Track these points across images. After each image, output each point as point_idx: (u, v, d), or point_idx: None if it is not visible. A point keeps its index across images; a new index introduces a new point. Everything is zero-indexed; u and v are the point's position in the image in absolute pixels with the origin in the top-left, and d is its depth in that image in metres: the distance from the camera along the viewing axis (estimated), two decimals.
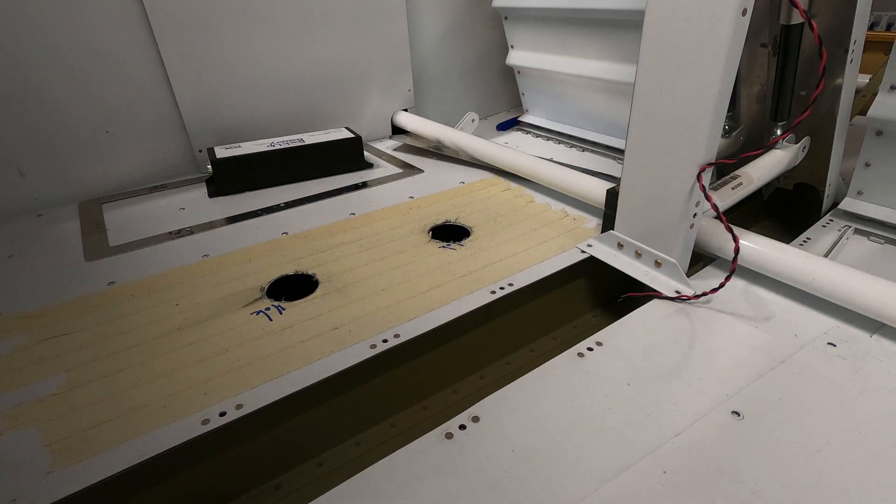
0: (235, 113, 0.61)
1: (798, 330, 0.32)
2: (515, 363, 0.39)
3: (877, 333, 0.31)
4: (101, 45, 0.51)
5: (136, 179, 0.58)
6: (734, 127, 0.48)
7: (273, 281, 0.39)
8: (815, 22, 0.40)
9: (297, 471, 0.31)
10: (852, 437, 0.25)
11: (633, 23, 0.55)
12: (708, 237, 0.38)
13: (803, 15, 0.30)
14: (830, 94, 0.43)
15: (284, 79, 0.63)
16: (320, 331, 0.33)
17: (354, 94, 0.70)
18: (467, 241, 0.43)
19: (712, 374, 0.29)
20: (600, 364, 0.30)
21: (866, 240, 0.43)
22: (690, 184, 0.33)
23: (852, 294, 0.31)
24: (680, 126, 0.32)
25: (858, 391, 0.27)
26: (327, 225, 0.48)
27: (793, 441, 0.25)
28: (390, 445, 0.31)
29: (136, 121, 0.56)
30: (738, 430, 0.25)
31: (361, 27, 0.66)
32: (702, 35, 0.29)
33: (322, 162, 0.60)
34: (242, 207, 0.52)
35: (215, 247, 0.44)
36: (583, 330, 0.42)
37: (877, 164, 0.41)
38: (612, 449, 0.25)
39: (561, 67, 0.66)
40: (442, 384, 0.36)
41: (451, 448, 0.25)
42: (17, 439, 0.26)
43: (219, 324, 0.34)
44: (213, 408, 0.27)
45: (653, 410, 0.27)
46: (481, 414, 0.27)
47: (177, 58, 0.55)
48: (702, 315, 0.34)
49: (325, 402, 0.30)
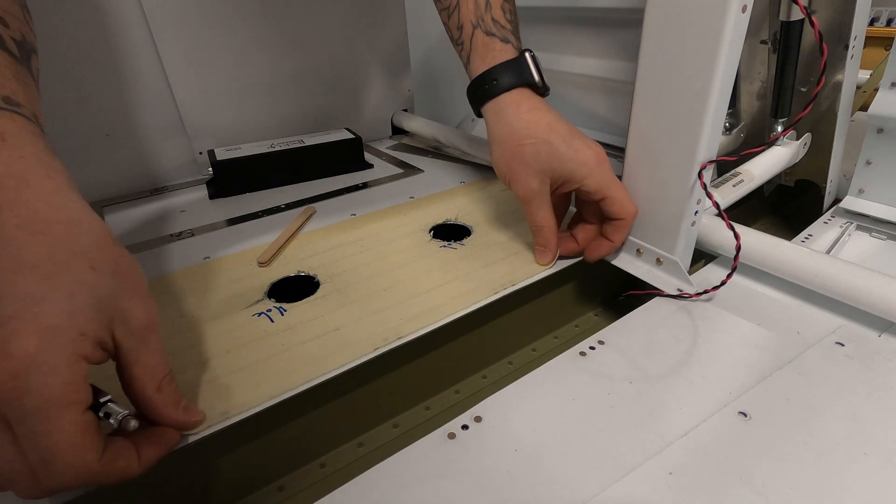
0: (235, 114, 0.61)
1: (804, 328, 0.32)
2: (517, 362, 0.39)
3: (886, 332, 0.31)
4: (101, 48, 0.52)
5: (137, 182, 0.58)
6: (735, 124, 0.48)
7: (274, 282, 0.39)
8: (816, 18, 0.40)
9: (300, 472, 0.31)
10: (862, 438, 0.25)
11: (633, 21, 0.55)
12: (709, 234, 0.38)
13: (803, 11, 0.30)
14: (831, 91, 0.42)
15: (284, 80, 0.63)
16: (322, 331, 0.33)
17: (354, 95, 0.70)
18: (468, 240, 0.43)
19: (717, 373, 0.29)
20: (602, 363, 0.30)
21: (868, 236, 0.43)
22: (691, 181, 0.33)
23: (860, 292, 0.31)
24: (680, 124, 0.32)
25: (868, 391, 0.27)
26: (328, 226, 0.48)
27: (801, 442, 0.25)
28: (393, 446, 0.31)
29: (137, 124, 0.56)
30: (745, 431, 0.25)
31: (361, 27, 0.66)
32: (702, 32, 0.29)
33: (322, 163, 0.60)
34: (243, 209, 0.52)
35: (217, 248, 0.44)
36: (584, 329, 0.42)
37: (878, 161, 0.41)
38: (616, 449, 0.25)
39: (561, 66, 0.66)
40: (444, 384, 0.36)
41: (453, 448, 0.25)
42: None
43: (220, 325, 0.34)
44: (214, 409, 0.27)
45: (656, 410, 0.27)
46: (484, 414, 0.27)
47: (176, 60, 0.55)
48: (704, 313, 0.34)
49: (328, 402, 0.30)
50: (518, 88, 0.35)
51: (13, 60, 0.26)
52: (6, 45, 0.26)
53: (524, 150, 0.33)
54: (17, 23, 0.28)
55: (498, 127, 0.35)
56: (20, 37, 0.28)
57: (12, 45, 0.27)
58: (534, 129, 0.33)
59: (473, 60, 0.36)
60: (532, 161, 0.33)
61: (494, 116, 0.35)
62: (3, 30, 0.27)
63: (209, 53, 0.57)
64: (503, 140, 0.34)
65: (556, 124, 0.34)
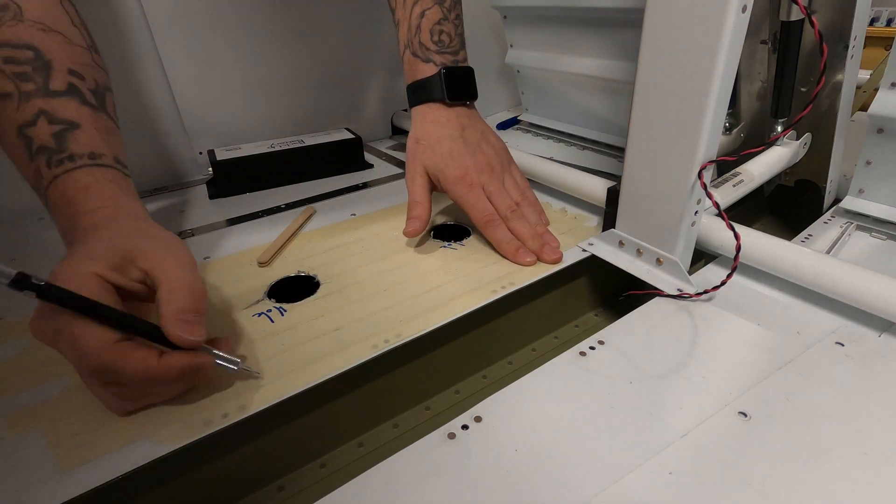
0: (236, 114, 0.61)
1: (804, 328, 0.32)
2: (517, 363, 0.39)
3: (886, 332, 0.31)
4: (101, 48, 0.51)
5: (137, 182, 0.58)
6: (735, 124, 0.48)
7: (274, 282, 0.39)
8: (816, 18, 0.40)
9: (300, 472, 0.31)
10: (862, 438, 0.25)
11: (633, 21, 0.55)
12: (709, 234, 0.38)
13: (803, 11, 0.30)
14: (831, 91, 0.42)
15: (284, 80, 0.63)
16: (322, 332, 0.33)
17: (354, 95, 0.70)
18: (468, 240, 0.43)
19: (717, 373, 0.29)
20: (602, 363, 0.30)
21: (868, 236, 0.43)
22: (691, 181, 0.33)
23: (860, 292, 0.31)
24: (681, 124, 0.32)
25: (868, 391, 0.27)
26: (328, 226, 0.48)
27: (801, 442, 0.25)
28: (393, 446, 0.31)
29: (137, 124, 0.56)
30: (745, 431, 0.25)
31: (361, 27, 0.66)
32: (702, 32, 0.29)
33: (322, 163, 0.60)
34: (243, 209, 0.52)
35: (217, 248, 0.44)
36: (584, 329, 0.42)
37: (878, 161, 0.41)
38: (616, 449, 0.25)
39: (561, 66, 0.66)
40: (444, 384, 0.36)
41: (454, 448, 0.25)
42: (20, 442, 0.26)
43: (221, 326, 0.34)
44: (215, 409, 0.27)
45: (657, 410, 0.27)
46: (484, 414, 0.27)
47: (176, 60, 0.55)
48: (704, 313, 0.34)
49: (328, 402, 0.30)
50: (427, 103, 0.43)
51: (92, 111, 0.33)
52: (87, 99, 0.33)
53: (417, 147, 0.43)
54: (89, 70, 0.35)
55: (412, 128, 0.44)
56: (94, 84, 0.35)
57: (90, 96, 0.34)
58: (426, 137, 0.43)
59: (404, 73, 0.45)
60: (419, 155, 0.42)
61: (412, 120, 0.45)
62: (81, 83, 0.33)
63: (209, 53, 0.57)
64: (410, 137, 0.44)
65: (444, 140, 0.42)
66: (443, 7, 0.43)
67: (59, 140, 0.31)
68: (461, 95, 0.43)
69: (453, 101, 0.43)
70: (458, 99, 0.43)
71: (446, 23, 0.43)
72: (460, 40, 0.44)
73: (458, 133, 0.42)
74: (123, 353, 0.24)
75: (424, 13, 0.43)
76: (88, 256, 0.26)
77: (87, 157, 0.31)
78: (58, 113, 0.31)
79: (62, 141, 0.31)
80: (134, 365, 0.24)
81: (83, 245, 0.27)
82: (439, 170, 0.41)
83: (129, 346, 0.25)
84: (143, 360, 0.25)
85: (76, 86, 0.33)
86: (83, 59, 0.35)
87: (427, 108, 0.43)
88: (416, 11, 0.43)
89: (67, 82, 0.33)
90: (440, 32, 0.43)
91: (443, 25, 0.43)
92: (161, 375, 0.25)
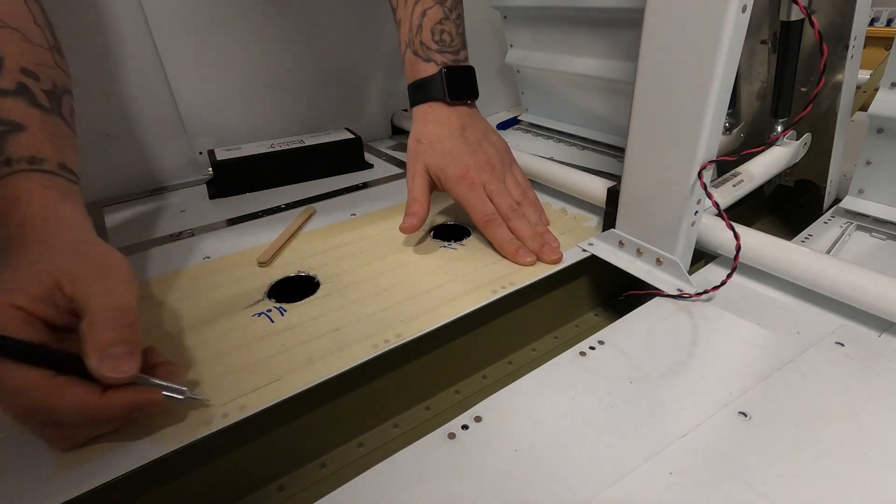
0: (235, 114, 0.61)
1: (804, 328, 0.32)
2: (517, 362, 0.39)
3: (886, 332, 0.31)
4: (101, 48, 0.52)
5: (137, 182, 0.59)
6: (735, 124, 0.48)
7: (274, 282, 0.39)
8: (816, 18, 0.40)
9: (300, 472, 0.31)
10: (862, 439, 0.25)
11: (633, 20, 0.55)
12: (709, 234, 0.38)
13: (803, 11, 0.30)
14: (831, 91, 0.42)
15: (284, 80, 0.63)
16: (322, 332, 0.33)
17: (354, 95, 0.70)
18: (468, 240, 0.43)
19: (717, 373, 0.29)
20: (602, 363, 0.30)
21: (868, 236, 0.43)
22: (691, 181, 0.33)
23: (860, 292, 0.31)
24: (681, 124, 0.32)
25: (868, 391, 0.27)
26: (328, 226, 0.48)
27: (801, 442, 0.25)
28: (393, 446, 0.31)
29: (137, 124, 0.56)
30: (745, 431, 0.25)
31: (361, 27, 0.66)
32: (702, 32, 0.29)
33: (322, 163, 0.60)
34: (243, 209, 0.52)
35: (217, 249, 0.44)
36: (584, 329, 0.42)
37: (878, 161, 0.41)
38: (616, 449, 0.25)
39: (561, 66, 0.66)
40: (444, 384, 0.36)
41: (454, 448, 0.25)
42: (20, 442, 0.26)
43: (220, 326, 0.34)
44: (215, 410, 0.27)
45: (656, 410, 0.27)
46: (484, 414, 0.27)
47: (176, 60, 0.55)
48: (704, 313, 0.34)
49: (328, 402, 0.30)
50: (429, 102, 0.43)
51: (42, 113, 0.31)
52: (37, 101, 0.31)
53: (418, 146, 0.43)
54: (47, 71, 0.33)
55: (413, 127, 0.44)
56: (50, 85, 0.33)
57: (43, 97, 0.32)
58: (427, 136, 0.43)
59: (405, 73, 0.45)
60: (420, 155, 0.43)
61: (413, 120, 0.45)
62: (34, 83, 0.32)
63: (209, 53, 0.57)
64: (411, 137, 0.44)
65: (445, 139, 0.42)
66: (444, 7, 0.43)
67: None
68: (462, 95, 0.43)
69: (454, 101, 0.43)
70: (459, 98, 0.43)
71: (447, 22, 0.43)
72: (461, 40, 0.44)
73: (459, 132, 0.42)
74: (59, 392, 0.23)
75: (426, 13, 0.43)
76: (9, 288, 0.24)
77: (26, 162, 0.29)
78: (2, 113, 0.30)
79: (1, 143, 0.29)
80: (70, 404, 0.23)
81: (7, 271, 0.25)
82: (440, 169, 0.41)
83: (64, 382, 0.23)
84: (82, 398, 0.23)
85: (27, 86, 0.31)
86: (41, 58, 0.33)
87: (428, 108, 0.43)
88: (417, 11, 0.43)
89: (18, 81, 0.31)
90: (441, 32, 0.43)
91: (444, 25, 0.43)
92: (103, 415, 0.24)
